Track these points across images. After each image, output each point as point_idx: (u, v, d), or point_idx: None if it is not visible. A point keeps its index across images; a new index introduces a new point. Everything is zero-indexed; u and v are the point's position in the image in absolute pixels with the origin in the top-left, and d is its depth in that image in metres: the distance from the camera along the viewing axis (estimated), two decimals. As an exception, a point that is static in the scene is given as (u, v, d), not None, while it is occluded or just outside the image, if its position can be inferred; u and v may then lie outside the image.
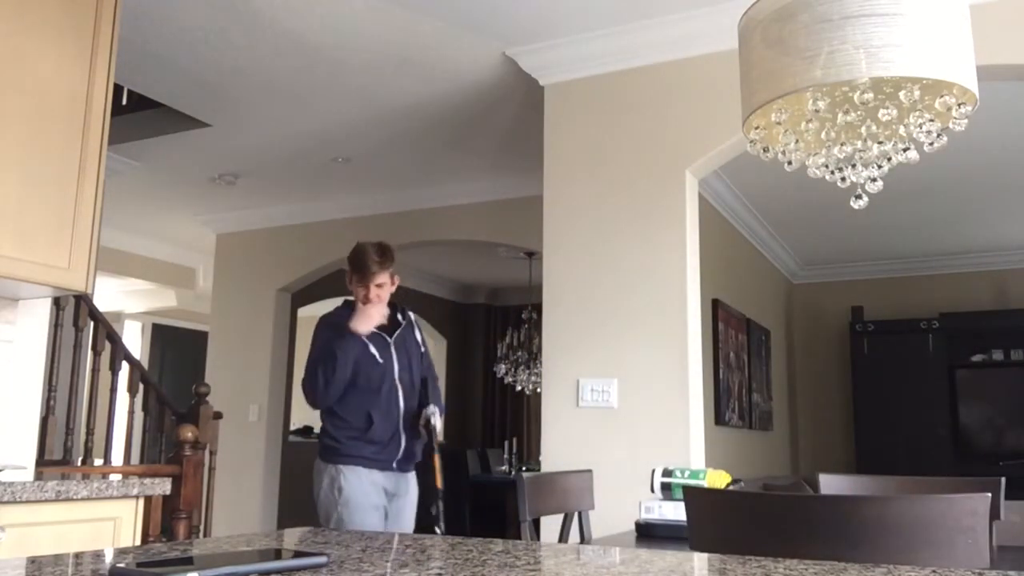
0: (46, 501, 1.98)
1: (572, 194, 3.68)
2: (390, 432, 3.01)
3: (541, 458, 3.66)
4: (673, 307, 3.40)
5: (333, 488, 2.97)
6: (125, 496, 2.17)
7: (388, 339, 3.07)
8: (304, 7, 3.45)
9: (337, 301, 3.33)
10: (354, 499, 2.93)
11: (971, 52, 1.62)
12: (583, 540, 2.54)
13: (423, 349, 3.27)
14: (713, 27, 3.40)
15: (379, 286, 3.04)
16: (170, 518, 3.88)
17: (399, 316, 3.18)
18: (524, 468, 7.72)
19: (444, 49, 3.80)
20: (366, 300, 3.02)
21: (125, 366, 4.36)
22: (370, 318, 3.03)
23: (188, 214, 6.77)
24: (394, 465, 3.04)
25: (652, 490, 2.23)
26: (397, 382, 3.05)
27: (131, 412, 4.37)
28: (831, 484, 2.20)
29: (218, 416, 4.44)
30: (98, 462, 4.45)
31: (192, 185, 6.01)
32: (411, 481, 3.14)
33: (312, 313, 5.03)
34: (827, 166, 1.80)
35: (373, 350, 3.02)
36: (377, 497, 2.98)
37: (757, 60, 1.69)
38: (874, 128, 1.71)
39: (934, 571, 0.79)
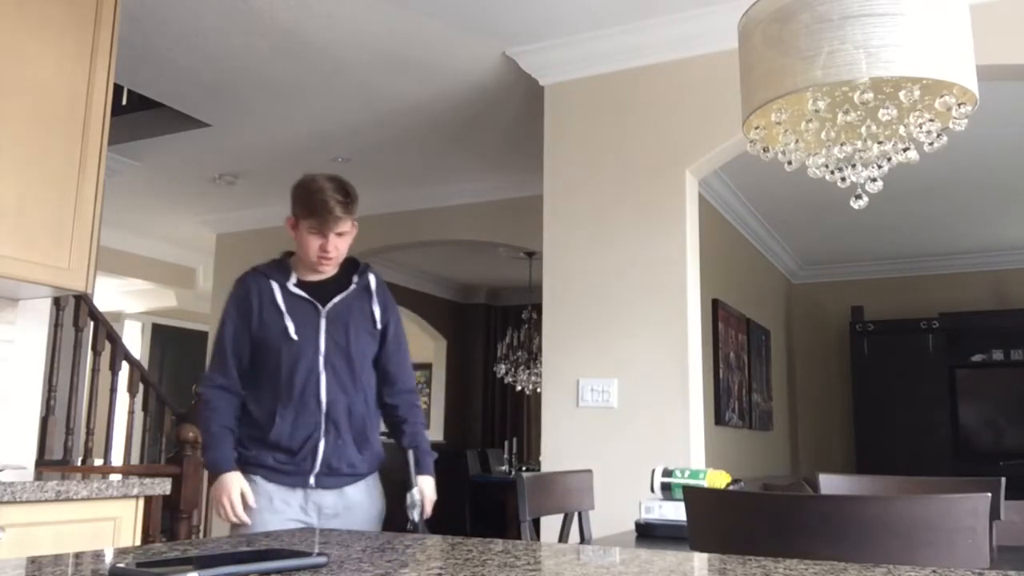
0: (46, 501, 1.98)
1: (572, 194, 3.68)
2: (302, 437, 2.21)
3: (541, 458, 3.66)
4: (673, 307, 3.40)
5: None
6: (125, 496, 2.17)
7: (319, 307, 2.27)
8: (304, 7, 3.45)
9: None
10: (258, 521, 2.20)
11: (971, 52, 1.62)
12: (583, 540, 2.54)
13: (380, 326, 2.34)
14: (713, 27, 3.40)
15: (340, 235, 2.25)
16: (170, 518, 3.88)
17: (354, 277, 2.35)
18: (524, 468, 7.72)
19: (444, 49, 3.80)
20: (323, 258, 2.25)
21: (125, 366, 4.36)
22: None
23: (188, 214, 6.77)
24: (311, 481, 2.23)
25: (652, 490, 2.23)
26: (321, 369, 2.23)
27: (131, 412, 4.37)
28: (831, 484, 2.20)
29: (218, 416, 4.43)
30: (98, 462, 4.45)
31: (192, 185, 6.01)
32: (356, 495, 2.30)
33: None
34: (827, 166, 1.80)
35: (288, 322, 2.23)
36: (291, 521, 2.24)
37: (757, 60, 1.69)
38: (874, 128, 1.71)
39: (934, 571, 0.79)
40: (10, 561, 0.87)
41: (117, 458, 4.46)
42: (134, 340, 9.06)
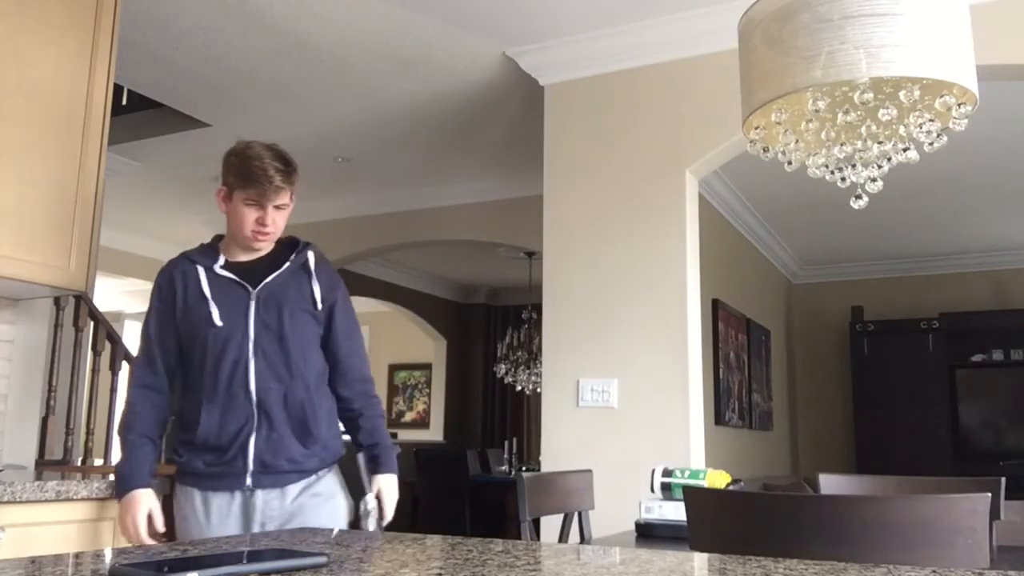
0: (46, 501, 1.98)
1: (572, 194, 3.68)
2: (231, 433, 1.98)
3: (541, 458, 3.66)
4: (673, 307, 3.40)
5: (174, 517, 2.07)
6: (125, 496, 2.17)
7: (249, 289, 2.04)
8: (304, 7, 3.45)
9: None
10: (194, 537, 1.98)
11: (971, 52, 1.62)
12: (583, 540, 2.54)
13: (322, 306, 2.11)
14: (713, 27, 3.40)
15: (279, 208, 2.04)
16: (170, 518, 3.87)
17: (292, 255, 2.12)
18: (524, 468, 7.72)
19: (444, 49, 3.80)
20: (258, 232, 2.04)
21: (125, 366, 4.35)
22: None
23: (188, 214, 6.77)
24: (248, 482, 1.98)
25: (652, 490, 2.23)
26: (250, 356, 2.00)
27: (131, 412, 4.36)
28: (831, 484, 2.20)
29: (218, 416, 4.43)
30: (98, 462, 4.45)
31: (192, 185, 6.01)
32: (304, 494, 2.04)
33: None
34: (827, 166, 1.80)
35: (212, 308, 2.01)
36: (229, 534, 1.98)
37: (757, 60, 1.69)
38: (874, 128, 1.71)
39: (934, 571, 0.79)
40: (10, 561, 0.87)
41: (117, 458, 4.45)
42: (134, 340, 9.06)
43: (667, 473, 2.24)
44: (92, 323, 4.26)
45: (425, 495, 7.16)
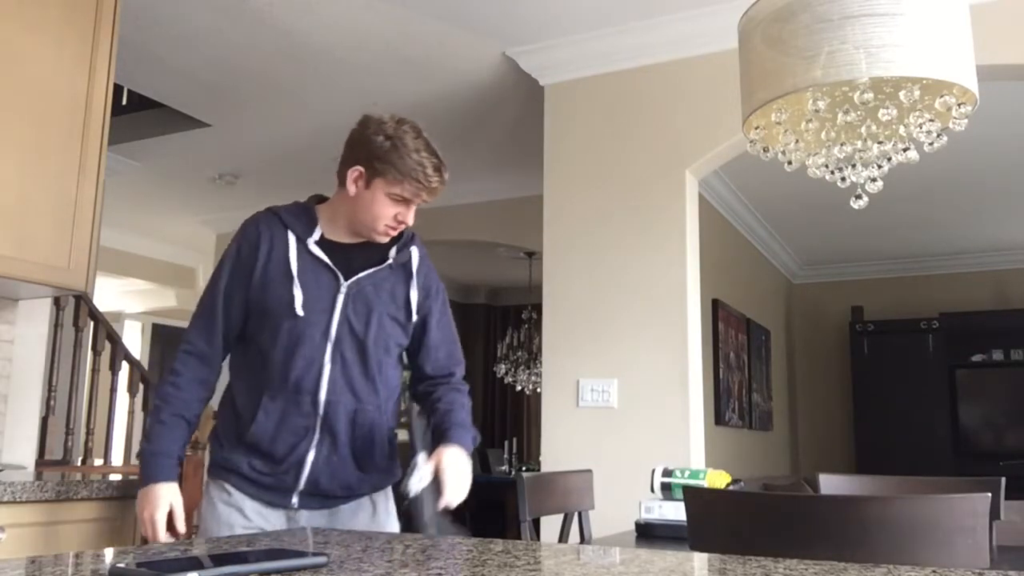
0: (46, 501, 1.98)
1: (572, 194, 3.68)
2: (287, 443, 1.73)
3: (541, 458, 3.66)
4: (673, 307, 3.40)
5: (200, 514, 1.81)
6: (125, 496, 2.17)
7: (340, 279, 1.77)
8: (304, 7, 3.45)
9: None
10: (226, 531, 1.74)
11: (971, 52, 1.62)
12: (583, 540, 2.54)
13: (417, 316, 1.86)
14: (713, 27, 3.40)
15: (408, 206, 1.79)
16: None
17: (391, 251, 1.85)
18: (524, 468, 7.72)
19: (444, 49, 3.80)
20: (391, 228, 1.79)
21: (125, 366, 4.36)
22: None
23: (188, 214, 6.77)
24: (294, 501, 1.75)
25: (652, 490, 2.23)
26: (326, 360, 1.74)
27: (131, 412, 4.37)
28: (831, 484, 2.20)
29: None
30: (98, 462, 4.45)
31: (192, 185, 6.01)
32: (354, 517, 1.81)
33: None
34: (827, 166, 1.80)
35: (296, 290, 1.73)
36: None
37: (757, 60, 1.69)
38: (874, 128, 1.71)
39: (934, 571, 0.79)
40: (10, 561, 0.87)
41: (117, 458, 4.46)
42: (134, 340, 9.06)
43: (667, 473, 2.24)
44: (92, 323, 4.27)
45: (425, 495, 7.14)
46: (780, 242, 7.05)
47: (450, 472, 1.71)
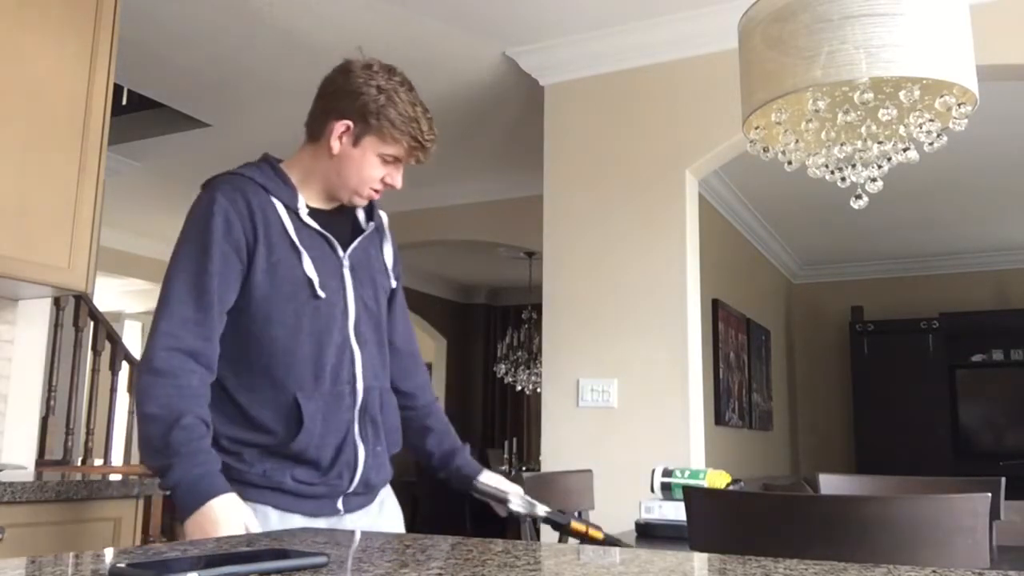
0: (46, 501, 1.98)
1: (572, 194, 3.68)
2: (334, 444, 1.52)
3: (541, 458, 3.66)
4: (673, 307, 3.40)
5: None
6: (125, 496, 2.17)
7: (339, 253, 1.58)
8: (304, 7, 3.45)
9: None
10: None
11: (971, 52, 1.62)
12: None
13: (394, 283, 1.71)
14: (713, 27, 3.40)
15: (397, 167, 1.61)
16: (170, 518, 3.88)
17: (362, 215, 1.69)
18: (524, 468, 7.73)
19: (444, 49, 3.80)
20: (376, 192, 1.60)
21: (125, 366, 4.36)
22: None
23: (188, 214, 6.76)
24: (339, 505, 1.55)
25: (652, 490, 2.23)
26: (353, 340, 1.56)
27: (131, 412, 4.37)
28: (831, 484, 2.20)
29: (218, 416, 4.44)
30: (98, 462, 4.45)
31: (192, 185, 5.96)
32: (380, 512, 1.66)
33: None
34: (827, 166, 1.80)
35: (310, 269, 1.51)
36: None
37: (757, 60, 1.69)
38: (874, 128, 1.71)
39: (934, 571, 0.79)
40: (10, 561, 0.87)
41: (117, 458, 4.46)
42: (134, 340, 9.06)
43: (667, 473, 2.23)
44: (92, 323, 4.27)
45: (425, 495, 7.16)
46: (780, 242, 7.05)
47: (512, 488, 1.72)
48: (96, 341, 4.28)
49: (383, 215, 1.73)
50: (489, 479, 1.71)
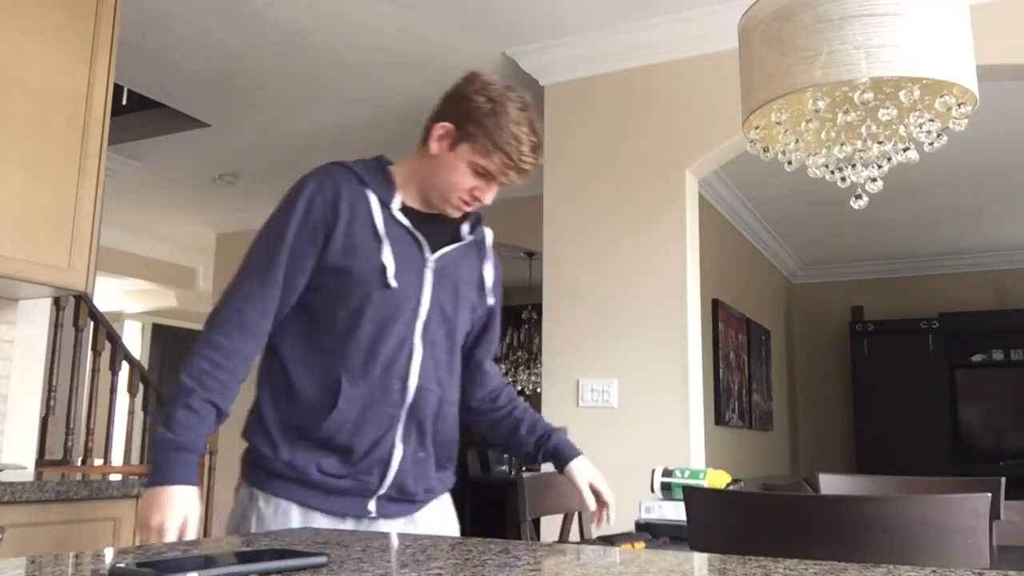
0: (46, 501, 1.98)
1: (572, 194, 3.68)
2: (371, 436, 1.49)
3: (541, 458, 3.66)
4: (673, 307, 3.40)
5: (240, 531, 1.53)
6: (125, 496, 2.17)
7: (426, 255, 1.56)
8: (304, 7, 3.45)
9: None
10: None
11: (971, 52, 1.62)
12: (583, 540, 2.54)
13: (490, 301, 1.70)
14: (713, 27, 3.40)
15: (489, 182, 1.58)
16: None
17: (463, 226, 1.65)
18: (524, 468, 7.73)
19: (444, 49, 3.80)
20: (465, 203, 1.58)
21: (125, 366, 4.36)
22: None
23: (188, 214, 6.77)
24: (371, 507, 1.52)
25: (652, 490, 2.23)
26: (417, 338, 1.54)
27: (131, 412, 4.37)
28: (831, 484, 2.20)
29: (218, 416, 4.43)
30: (98, 462, 4.45)
31: (192, 185, 6.01)
32: (428, 522, 1.62)
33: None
34: (827, 166, 1.80)
35: (388, 258, 1.51)
36: None
37: (757, 60, 1.69)
38: (874, 128, 1.72)
39: (934, 571, 0.79)
40: (10, 561, 0.87)
41: (117, 458, 4.46)
42: (134, 340, 9.06)
43: (667, 473, 2.24)
44: (92, 323, 4.27)
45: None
46: (780, 242, 7.05)
47: (602, 485, 1.71)
48: (96, 341, 4.28)
49: (489, 232, 1.71)
50: (579, 471, 1.69)
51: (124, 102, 4.68)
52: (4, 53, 2.36)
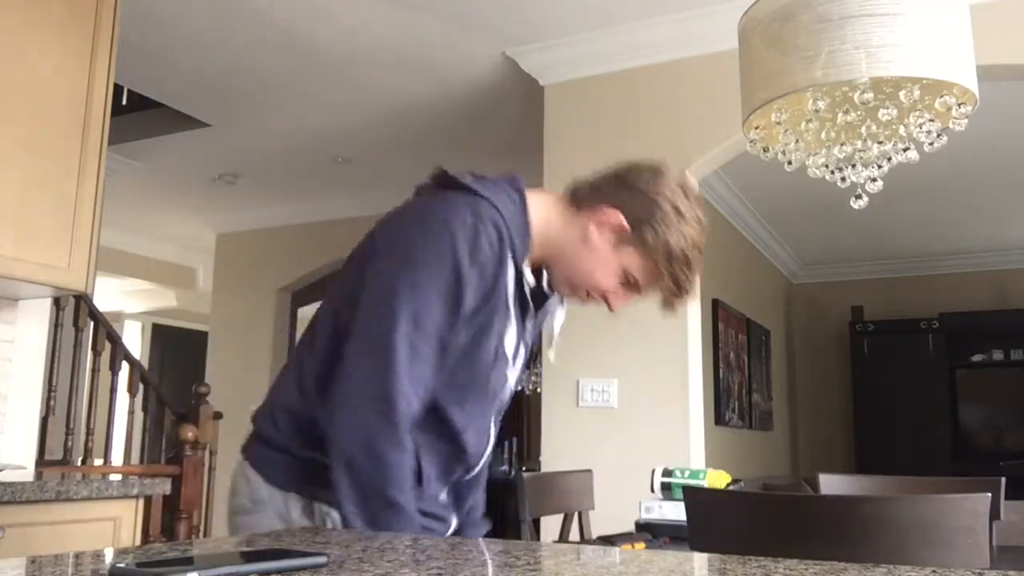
0: (46, 501, 1.98)
1: (572, 194, 3.68)
2: (474, 484, 1.48)
3: (541, 458, 3.66)
4: (673, 307, 3.39)
5: None
6: (125, 496, 2.17)
7: (527, 324, 1.43)
8: (304, 7, 3.45)
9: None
10: None
11: (971, 52, 1.62)
12: (583, 540, 2.54)
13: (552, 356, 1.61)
14: (713, 27, 3.40)
15: (630, 293, 1.41)
16: (170, 518, 3.88)
17: (544, 284, 1.42)
18: (524, 468, 7.72)
19: (444, 49, 3.80)
20: (589, 301, 1.43)
21: (125, 366, 4.36)
22: None
23: (188, 214, 6.77)
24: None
25: (652, 490, 2.23)
26: (491, 420, 1.42)
27: (131, 412, 4.37)
28: (831, 484, 2.20)
29: (218, 416, 4.44)
30: (98, 462, 4.45)
31: (192, 185, 6.01)
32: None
33: (312, 314, 5.03)
34: (827, 166, 1.80)
35: (510, 330, 1.35)
36: None
37: (757, 60, 1.69)
38: (874, 128, 1.72)
39: (934, 571, 0.79)
40: (10, 561, 0.87)
41: (117, 458, 4.46)
42: (134, 340, 9.07)
43: (667, 473, 2.23)
44: (92, 323, 4.26)
45: (425, 495, 7.15)
46: (780, 242, 7.05)
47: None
48: (96, 341, 4.28)
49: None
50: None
51: (124, 102, 4.68)
52: (4, 53, 2.36)
